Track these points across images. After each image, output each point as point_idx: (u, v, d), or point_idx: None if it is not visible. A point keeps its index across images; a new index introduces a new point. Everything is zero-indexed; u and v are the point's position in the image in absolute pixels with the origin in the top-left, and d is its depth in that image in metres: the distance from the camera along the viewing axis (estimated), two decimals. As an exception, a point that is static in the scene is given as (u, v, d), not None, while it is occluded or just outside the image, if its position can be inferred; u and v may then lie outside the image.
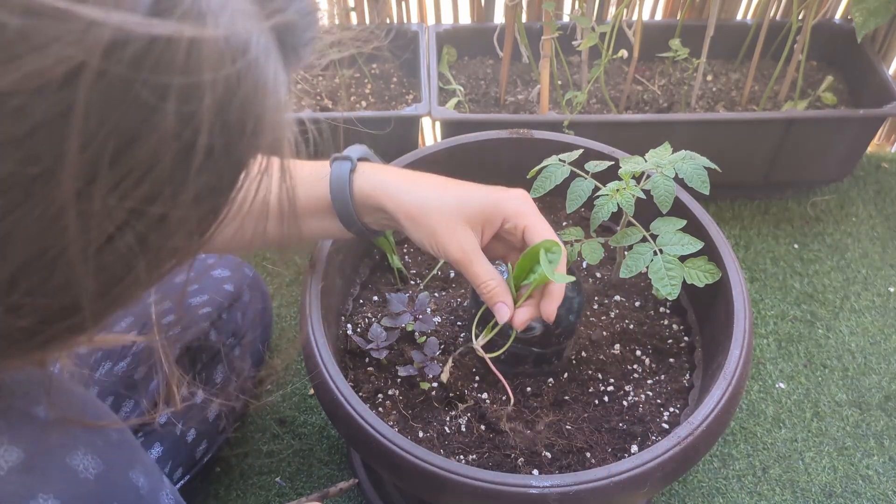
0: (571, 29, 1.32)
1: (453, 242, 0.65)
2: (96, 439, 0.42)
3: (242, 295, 0.95)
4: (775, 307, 1.22)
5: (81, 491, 0.39)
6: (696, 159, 0.76)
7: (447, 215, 0.65)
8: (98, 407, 0.47)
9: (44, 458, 0.38)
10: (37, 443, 0.38)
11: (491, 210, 0.66)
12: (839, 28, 1.38)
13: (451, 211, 0.65)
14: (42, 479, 0.38)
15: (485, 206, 0.66)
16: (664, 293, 0.72)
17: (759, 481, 1.03)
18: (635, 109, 1.33)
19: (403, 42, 1.37)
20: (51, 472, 0.38)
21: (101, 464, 0.41)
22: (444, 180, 0.69)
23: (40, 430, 0.39)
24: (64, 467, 0.39)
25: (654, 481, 0.66)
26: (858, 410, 1.10)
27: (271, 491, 1.01)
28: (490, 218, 0.66)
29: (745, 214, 1.37)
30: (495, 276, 0.66)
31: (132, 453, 0.44)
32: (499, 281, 0.66)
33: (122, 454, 0.43)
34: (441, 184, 0.68)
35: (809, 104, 1.32)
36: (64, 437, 0.40)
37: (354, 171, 0.68)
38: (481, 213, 0.66)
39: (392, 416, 0.77)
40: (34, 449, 0.38)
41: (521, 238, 0.67)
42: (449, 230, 0.65)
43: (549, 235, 0.66)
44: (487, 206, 0.66)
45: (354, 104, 1.34)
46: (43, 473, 0.38)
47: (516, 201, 0.67)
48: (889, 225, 1.35)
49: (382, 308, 0.87)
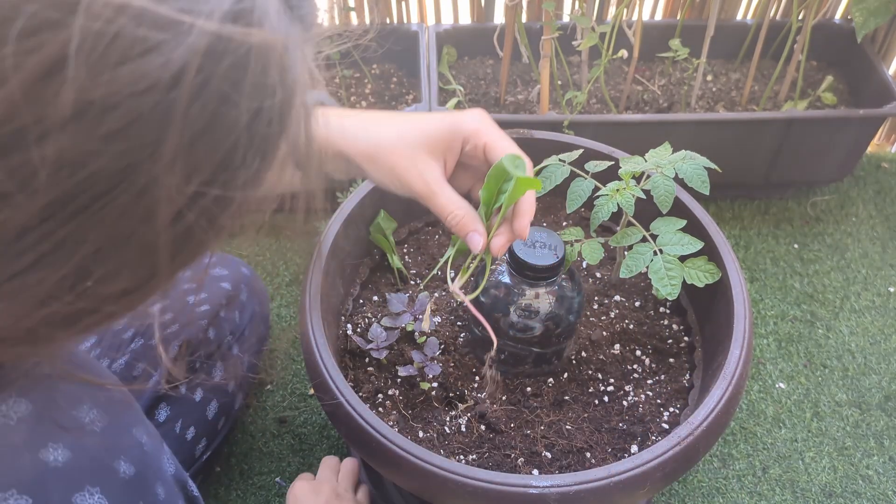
0: (571, 29, 1.32)
1: (414, 175, 0.62)
2: (100, 396, 0.43)
3: (240, 293, 0.95)
4: (775, 307, 1.22)
5: (89, 442, 0.40)
6: (696, 159, 0.76)
7: (405, 148, 0.62)
8: (100, 367, 0.48)
9: (51, 409, 0.39)
10: (44, 395, 0.39)
11: (448, 135, 0.63)
12: (839, 28, 1.38)
13: (410, 143, 0.62)
14: (51, 429, 0.39)
15: (442, 131, 0.63)
16: (664, 293, 0.72)
17: (759, 481, 1.03)
18: (635, 109, 1.33)
19: (403, 42, 1.37)
20: (59, 422, 0.39)
21: (107, 418, 0.42)
22: (402, 116, 0.65)
23: (46, 384, 0.40)
24: (71, 418, 0.40)
25: (654, 481, 0.66)
26: (858, 410, 1.10)
27: (271, 491, 1.01)
28: (450, 143, 0.63)
29: (745, 214, 1.37)
30: (463, 205, 0.63)
31: (135, 413, 0.45)
32: (467, 210, 0.63)
33: (126, 412, 0.44)
34: (398, 119, 0.65)
35: (809, 104, 1.32)
36: (69, 391, 0.41)
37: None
38: (440, 139, 0.63)
39: (392, 416, 0.77)
40: (41, 401, 0.39)
41: (483, 159, 0.64)
42: (408, 164, 0.62)
43: (511, 149, 0.63)
44: (444, 131, 0.63)
45: (354, 104, 1.34)
46: (51, 424, 0.39)
47: (473, 121, 0.63)
48: (889, 225, 1.35)
49: (382, 308, 0.87)
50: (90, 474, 0.39)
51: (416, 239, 0.96)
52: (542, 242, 0.72)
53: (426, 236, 0.96)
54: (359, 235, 0.89)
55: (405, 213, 0.95)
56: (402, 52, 1.39)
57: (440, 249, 0.94)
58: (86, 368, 0.48)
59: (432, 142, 0.62)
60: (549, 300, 0.75)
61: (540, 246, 0.71)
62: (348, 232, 0.86)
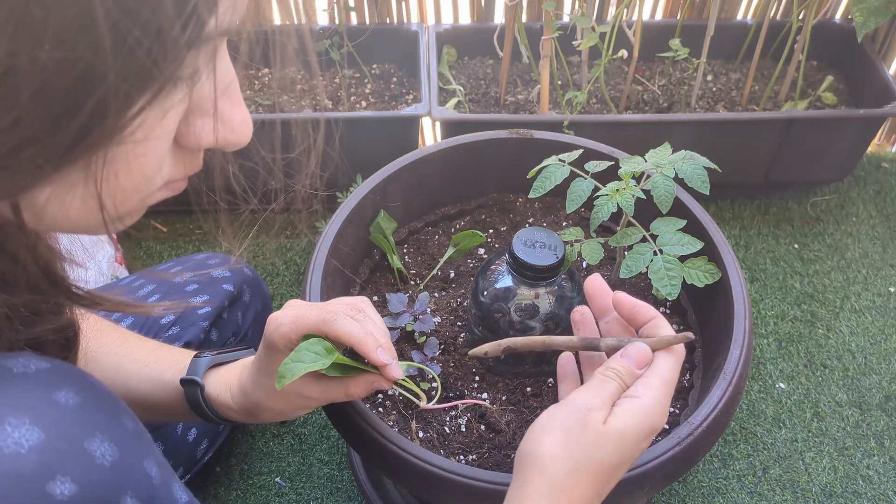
0: (571, 29, 1.32)
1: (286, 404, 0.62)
2: (113, 427, 0.42)
3: (243, 295, 0.95)
4: (775, 307, 1.22)
5: (97, 476, 0.40)
6: (696, 159, 0.76)
7: (273, 391, 0.61)
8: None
9: (63, 441, 0.39)
10: (56, 426, 0.39)
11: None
12: (839, 28, 1.38)
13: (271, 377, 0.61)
14: (60, 460, 0.38)
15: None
16: (664, 293, 0.72)
17: (760, 481, 1.03)
18: (635, 109, 1.33)
19: (403, 42, 1.37)
20: (69, 454, 0.39)
21: (117, 451, 0.42)
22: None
23: (60, 415, 0.40)
24: (81, 452, 0.40)
25: (654, 481, 0.66)
26: (859, 410, 1.10)
27: (271, 491, 1.01)
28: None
29: (745, 214, 1.37)
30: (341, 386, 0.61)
31: (146, 444, 0.45)
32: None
33: (137, 444, 0.44)
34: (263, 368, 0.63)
35: (809, 104, 1.32)
36: (83, 423, 0.41)
37: (205, 390, 0.67)
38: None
39: (392, 416, 0.77)
40: (54, 432, 0.39)
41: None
42: (278, 399, 0.61)
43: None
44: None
45: (354, 104, 1.34)
46: (61, 455, 0.39)
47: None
48: (889, 225, 1.35)
49: (382, 308, 0.87)
50: None
51: (416, 239, 0.96)
52: (542, 242, 0.72)
53: (426, 236, 0.96)
54: (359, 235, 0.89)
55: (405, 213, 0.95)
56: (402, 52, 1.39)
57: (440, 249, 0.94)
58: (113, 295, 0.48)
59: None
60: (549, 300, 0.75)
61: (540, 246, 0.71)
62: (348, 232, 0.86)
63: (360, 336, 0.57)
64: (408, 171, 0.91)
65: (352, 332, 0.57)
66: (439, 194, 0.97)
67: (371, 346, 0.57)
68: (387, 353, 0.58)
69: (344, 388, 0.60)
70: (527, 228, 0.73)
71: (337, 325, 0.57)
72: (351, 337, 0.57)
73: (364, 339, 0.57)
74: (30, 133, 0.33)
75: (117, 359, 0.70)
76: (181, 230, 1.34)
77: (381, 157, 0.96)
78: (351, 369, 0.59)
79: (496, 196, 1.00)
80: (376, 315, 0.62)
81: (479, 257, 0.93)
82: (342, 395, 0.60)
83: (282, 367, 0.54)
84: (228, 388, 0.66)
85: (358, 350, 0.58)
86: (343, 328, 0.57)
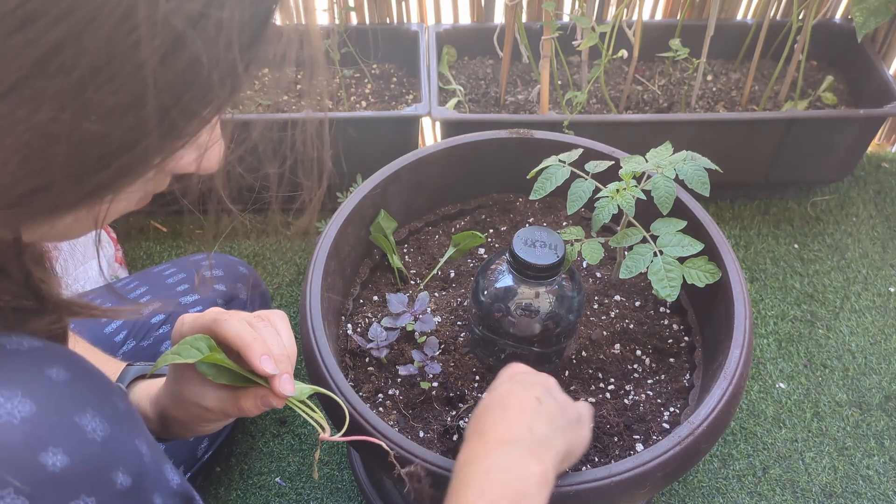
0: (571, 29, 1.32)
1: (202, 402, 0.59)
2: (104, 405, 0.43)
3: (239, 294, 0.95)
4: (775, 307, 1.22)
5: (88, 451, 0.40)
6: (697, 160, 0.76)
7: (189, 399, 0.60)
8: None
9: (55, 414, 0.40)
10: (48, 399, 0.40)
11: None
12: (839, 28, 1.38)
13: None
14: (52, 433, 0.39)
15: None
16: (663, 295, 0.72)
17: (760, 481, 1.03)
18: (635, 109, 1.33)
19: (403, 42, 1.37)
20: (61, 427, 0.40)
21: (108, 427, 0.42)
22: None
23: (52, 389, 0.40)
24: (73, 425, 0.40)
25: (654, 481, 0.66)
26: (859, 410, 1.10)
27: (271, 491, 1.01)
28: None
29: (745, 214, 1.37)
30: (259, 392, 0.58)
31: (137, 424, 0.46)
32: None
33: (128, 423, 0.44)
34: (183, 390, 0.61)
35: (809, 104, 1.32)
36: (74, 399, 0.41)
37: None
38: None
39: (392, 416, 0.77)
40: (46, 405, 0.39)
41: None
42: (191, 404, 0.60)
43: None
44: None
45: (354, 104, 1.34)
46: (53, 428, 0.39)
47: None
48: (889, 225, 1.35)
49: (382, 308, 0.87)
50: (87, 483, 0.40)
51: (416, 239, 0.96)
52: (543, 242, 0.72)
53: (426, 236, 0.96)
54: (359, 235, 0.89)
55: (405, 213, 0.95)
56: (402, 52, 1.39)
57: (440, 249, 0.94)
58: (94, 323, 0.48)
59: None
60: (549, 299, 0.75)
61: (540, 245, 0.71)
62: (348, 232, 0.86)
63: (246, 339, 0.54)
64: (408, 171, 0.91)
65: (239, 334, 0.54)
66: (439, 194, 0.97)
67: (255, 350, 0.54)
68: (272, 363, 0.55)
69: (235, 400, 0.57)
70: (527, 228, 0.73)
71: (225, 325, 0.55)
72: (237, 339, 0.54)
73: (249, 343, 0.54)
74: (55, 181, 0.34)
75: None
76: (181, 230, 1.34)
77: (381, 157, 0.96)
78: (244, 381, 0.56)
79: (496, 196, 1.00)
80: (287, 331, 0.60)
81: (480, 257, 0.93)
82: (234, 409, 0.58)
83: (160, 358, 0.53)
84: (149, 398, 0.65)
85: (242, 354, 0.55)
86: (230, 329, 0.55)
